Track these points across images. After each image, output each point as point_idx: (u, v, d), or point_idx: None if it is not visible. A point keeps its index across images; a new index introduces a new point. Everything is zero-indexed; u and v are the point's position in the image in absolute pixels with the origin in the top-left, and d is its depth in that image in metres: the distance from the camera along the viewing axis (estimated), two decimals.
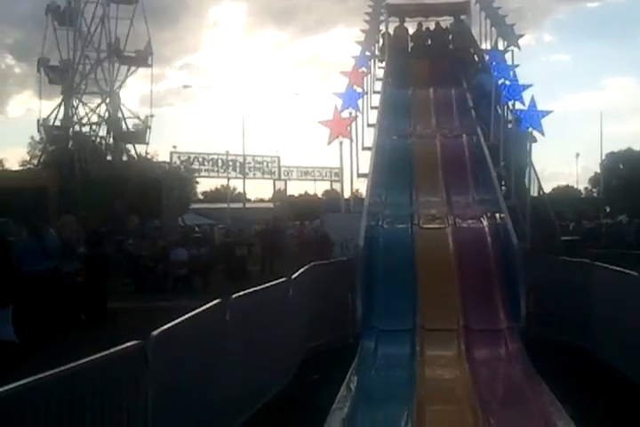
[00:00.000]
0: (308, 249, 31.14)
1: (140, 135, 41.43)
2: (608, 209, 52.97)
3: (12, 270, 11.23)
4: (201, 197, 70.65)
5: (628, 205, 44.01)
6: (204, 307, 6.70)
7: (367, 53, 19.61)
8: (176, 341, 5.67)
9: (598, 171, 65.53)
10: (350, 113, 15.44)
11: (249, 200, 57.72)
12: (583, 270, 11.69)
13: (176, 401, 5.68)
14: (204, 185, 71.49)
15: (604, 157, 62.96)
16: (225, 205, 52.36)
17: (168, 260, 22.12)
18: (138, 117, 41.45)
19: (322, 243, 20.91)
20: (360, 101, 16.40)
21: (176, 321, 5.81)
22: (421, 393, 8.41)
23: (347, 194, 18.15)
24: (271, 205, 55.50)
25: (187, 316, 6.10)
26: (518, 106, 15.37)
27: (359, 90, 16.35)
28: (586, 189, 77.08)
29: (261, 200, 66.69)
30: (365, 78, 17.93)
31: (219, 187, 68.53)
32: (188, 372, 6.00)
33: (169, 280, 21.94)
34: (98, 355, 4.57)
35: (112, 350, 4.73)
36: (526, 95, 15.15)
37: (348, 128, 15.06)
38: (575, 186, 76.34)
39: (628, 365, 9.72)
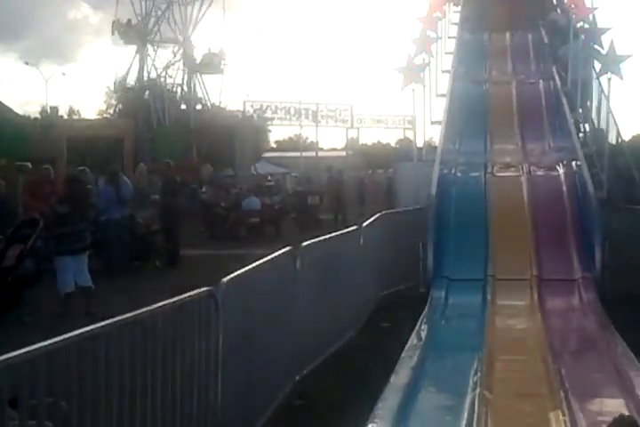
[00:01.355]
0: (379, 198, 31.17)
1: (214, 66, 41.09)
2: None
3: (91, 218, 11.50)
4: (273, 145, 70.75)
5: None
6: (274, 254, 6.72)
7: None
8: (245, 287, 5.71)
9: None
10: (424, 59, 15.17)
11: (321, 149, 57.43)
12: None
13: (246, 346, 5.74)
14: (277, 134, 71.63)
15: None
16: (297, 154, 52.32)
17: (241, 208, 22.26)
18: (211, 52, 40.98)
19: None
20: (434, 47, 16.09)
21: (246, 268, 5.84)
22: (491, 343, 8.37)
23: (420, 142, 17.91)
24: (344, 153, 55.27)
25: (256, 263, 6.12)
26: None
27: (433, 35, 16.03)
28: None
29: (334, 149, 66.42)
30: (440, 23, 17.56)
31: (291, 136, 68.43)
32: (257, 318, 6.05)
33: (241, 228, 22.10)
34: (170, 300, 4.61)
35: (184, 295, 4.78)
36: (606, 39, 14.67)
37: (421, 74, 14.80)
38: None
39: None
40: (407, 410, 6.22)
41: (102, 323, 3.96)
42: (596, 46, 14.80)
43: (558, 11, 19.23)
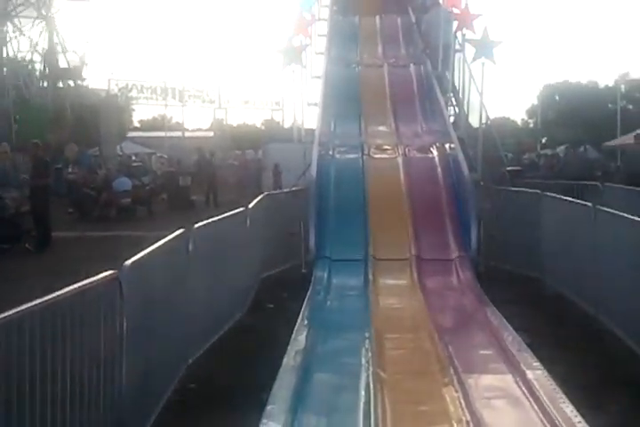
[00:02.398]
0: (249, 179, 31.13)
1: (76, 71, 39.95)
2: (544, 140, 53.65)
3: None
4: (137, 125, 69.40)
5: (567, 136, 44.57)
6: (169, 237, 6.62)
7: None
8: (145, 271, 5.60)
9: (535, 103, 66.03)
10: (301, 41, 15.23)
11: (187, 129, 56.81)
12: (533, 201, 11.85)
13: (145, 330, 5.65)
14: (141, 113, 70.32)
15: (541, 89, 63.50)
16: (163, 134, 51.58)
17: (111, 189, 21.80)
18: (75, 52, 39.85)
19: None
20: (310, 29, 16.15)
21: (145, 251, 5.73)
22: (378, 322, 8.50)
23: (286, 124, 18.01)
24: (210, 134, 54.84)
25: (154, 246, 6.02)
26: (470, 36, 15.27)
27: (309, 17, 16.09)
28: (522, 120, 77.70)
29: (199, 129, 65.75)
30: (314, 5, 17.63)
31: (156, 116, 67.30)
32: (154, 301, 5.96)
33: (112, 209, 21.66)
34: (73, 286, 4.48)
35: (87, 280, 4.64)
36: (478, 24, 15.09)
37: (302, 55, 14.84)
38: (510, 117, 76.91)
39: (577, 292, 9.96)
40: (304, 391, 6.24)
41: (13, 310, 3.80)
42: (469, 31, 15.17)
43: None
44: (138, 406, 5.47)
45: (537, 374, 6.35)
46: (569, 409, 5.54)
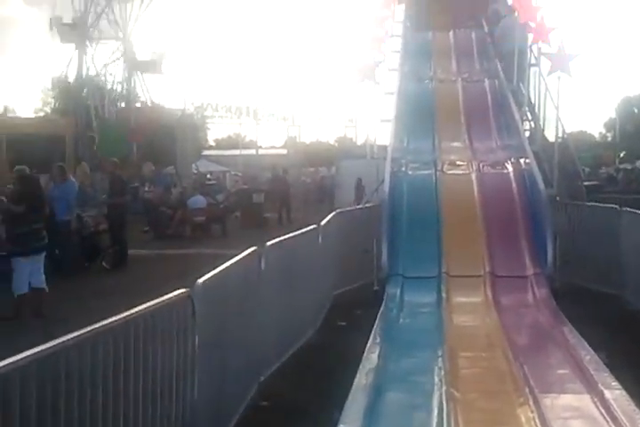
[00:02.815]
0: (322, 196, 31.25)
1: (155, 64, 40.51)
2: (622, 154, 52.61)
3: (47, 218, 11.25)
4: (212, 143, 70.41)
5: None
6: (241, 255, 6.65)
7: None
8: (218, 288, 5.63)
9: (613, 116, 64.96)
10: (374, 57, 15.24)
11: (260, 147, 57.40)
12: (611, 216, 11.60)
13: (217, 348, 5.68)
14: (216, 132, 71.22)
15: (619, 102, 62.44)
16: (237, 152, 52.19)
17: (186, 207, 22.08)
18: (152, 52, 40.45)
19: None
20: (384, 45, 16.16)
21: (217, 269, 5.76)
22: (451, 340, 8.41)
23: (359, 141, 18.03)
24: (284, 151, 55.27)
25: (226, 264, 6.05)
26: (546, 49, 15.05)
27: (382, 33, 16.10)
28: (600, 133, 76.46)
29: (273, 147, 66.35)
30: (387, 22, 17.65)
31: (230, 134, 68.16)
32: (227, 319, 5.99)
33: (187, 227, 21.93)
34: (147, 304, 4.53)
35: (160, 298, 4.69)
36: (555, 37, 14.88)
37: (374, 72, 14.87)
38: (587, 131, 75.78)
39: None
40: (376, 410, 6.19)
41: (88, 328, 3.86)
42: (545, 44, 14.98)
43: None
44: (210, 422, 5.48)
45: (615, 394, 6.19)
46: None
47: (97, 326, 3.96)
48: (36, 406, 3.44)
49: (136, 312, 4.35)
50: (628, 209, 11.43)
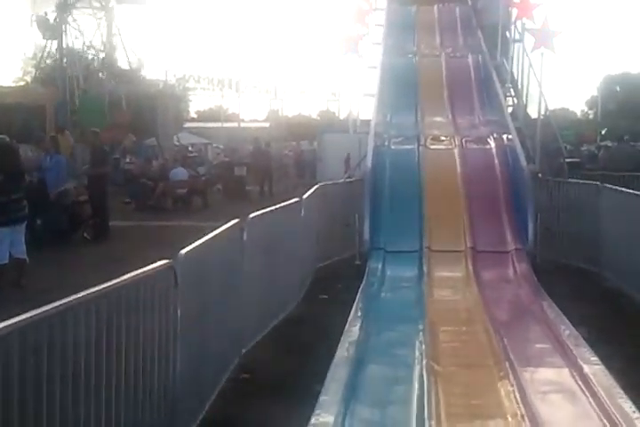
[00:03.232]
0: (304, 169, 31.17)
1: (135, 71, 39.89)
2: (604, 132, 52.78)
3: (28, 188, 11.14)
4: (194, 115, 69.97)
5: (627, 128, 43.78)
6: (224, 227, 6.63)
7: None
8: (199, 260, 5.62)
9: (595, 94, 65.12)
10: (358, 30, 15.16)
11: (242, 120, 57.09)
12: (592, 193, 11.65)
13: (199, 319, 5.68)
14: (198, 104, 70.82)
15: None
16: (219, 125, 51.92)
17: (168, 179, 21.98)
18: None
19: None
20: (367, 18, 16.08)
21: (199, 241, 5.74)
22: (431, 314, 8.45)
23: (342, 115, 17.99)
24: (266, 124, 55.05)
25: (209, 236, 6.03)
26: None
27: (366, 6, 16.00)
28: (582, 111, 76.64)
29: (255, 120, 66.04)
30: None
31: (212, 106, 67.77)
32: (209, 291, 5.98)
33: (168, 200, 21.86)
34: (129, 275, 4.50)
35: (142, 269, 4.67)
36: (539, 14, 14.88)
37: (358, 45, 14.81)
38: (569, 108, 75.92)
39: (637, 286, 9.76)
40: (357, 383, 6.22)
41: (71, 297, 3.83)
42: (529, 21, 14.96)
43: None
44: (192, 394, 5.49)
45: (594, 368, 6.25)
46: (627, 405, 5.44)
47: (79, 295, 3.93)
48: (17, 378, 3.41)
49: (118, 283, 4.33)
50: (609, 186, 11.47)
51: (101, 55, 38.02)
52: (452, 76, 16.40)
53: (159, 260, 4.99)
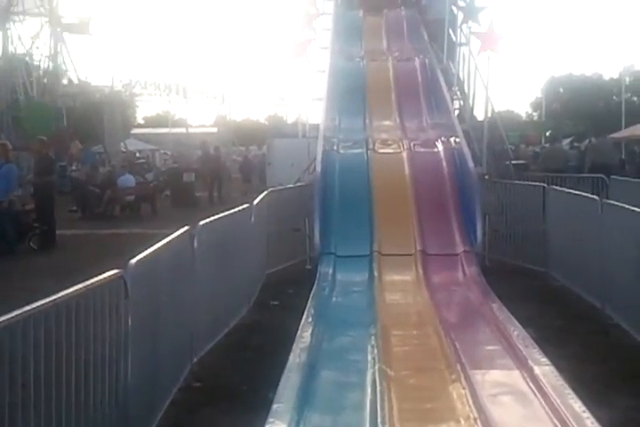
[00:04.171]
0: (253, 175, 31.09)
1: (83, 25, 39.05)
2: (548, 133, 53.56)
3: None
4: (141, 121, 69.51)
5: (572, 129, 44.53)
6: (174, 234, 6.58)
7: None
8: (150, 269, 5.57)
9: (539, 95, 66.01)
10: (306, 35, 15.18)
11: (190, 125, 56.82)
12: (538, 194, 11.80)
13: (150, 328, 5.63)
14: (145, 110, 70.34)
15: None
16: (166, 130, 51.64)
17: (115, 186, 21.77)
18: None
19: None
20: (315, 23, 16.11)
21: (150, 249, 5.69)
22: (383, 318, 8.47)
23: (290, 119, 18.03)
24: (214, 130, 54.83)
25: (159, 244, 5.98)
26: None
27: (313, 11, 16.04)
28: (526, 113, 77.66)
29: (202, 125, 65.79)
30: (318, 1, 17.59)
31: (159, 112, 67.39)
32: (160, 299, 5.93)
33: (116, 207, 21.65)
34: (79, 285, 4.44)
35: (92, 280, 4.60)
36: (484, 17, 15.06)
37: (306, 50, 14.84)
38: (514, 110, 76.87)
39: (584, 286, 9.92)
40: (310, 389, 6.20)
41: (19, 310, 3.77)
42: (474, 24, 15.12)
43: None
44: (143, 404, 5.44)
45: (544, 369, 6.30)
46: (577, 405, 5.49)
47: (28, 307, 3.87)
48: None
49: (68, 293, 4.27)
50: (554, 187, 11.64)
51: (46, 62, 37.48)
52: (400, 79, 16.50)
53: (109, 269, 4.93)
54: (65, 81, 38.23)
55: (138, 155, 37.90)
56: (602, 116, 52.35)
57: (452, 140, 13.26)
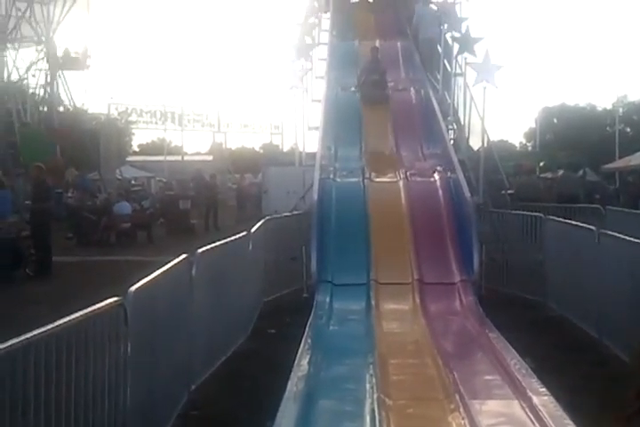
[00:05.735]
0: (249, 203, 31.08)
1: (78, 61, 39.26)
2: (542, 164, 53.70)
3: None
4: (137, 149, 69.59)
5: (566, 159, 44.66)
6: (173, 262, 6.59)
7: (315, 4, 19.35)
8: (149, 297, 5.57)
9: (533, 126, 66.27)
10: (302, 65, 15.30)
11: (186, 153, 56.94)
12: (535, 224, 11.85)
13: (150, 357, 5.62)
14: (140, 137, 70.45)
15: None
16: (162, 158, 51.70)
17: (111, 213, 21.76)
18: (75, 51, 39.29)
19: None
20: (311, 53, 16.24)
21: (149, 277, 5.69)
22: (381, 347, 8.45)
23: (285, 148, 18.13)
24: (210, 157, 54.92)
25: (158, 271, 5.98)
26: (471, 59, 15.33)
27: (309, 41, 16.17)
28: (520, 143, 77.91)
29: (198, 153, 65.89)
30: (314, 30, 17.74)
31: (155, 139, 67.52)
32: (160, 327, 5.93)
33: (112, 234, 21.63)
34: (79, 313, 4.44)
35: (92, 307, 4.61)
36: (480, 48, 15.17)
37: (303, 79, 14.95)
38: (508, 140, 77.13)
39: (580, 316, 9.92)
40: (308, 418, 6.18)
41: (21, 337, 3.77)
42: (470, 55, 15.23)
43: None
44: None
45: (543, 399, 6.29)
46: None
47: (29, 335, 3.88)
48: None
49: (69, 321, 4.27)
50: (551, 217, 11.68)
51: (42, 89, 37.59)
52: (396, 109, 16.60)
53: (107, 297, 4.93)
54: (61, 108, 38.38)
55: (133, 182, 37.90)
56: (595, 147, 52.57)
57: (447, 169, 13.31)
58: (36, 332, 3.94)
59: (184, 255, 6.99)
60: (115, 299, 4.86)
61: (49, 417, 4.04)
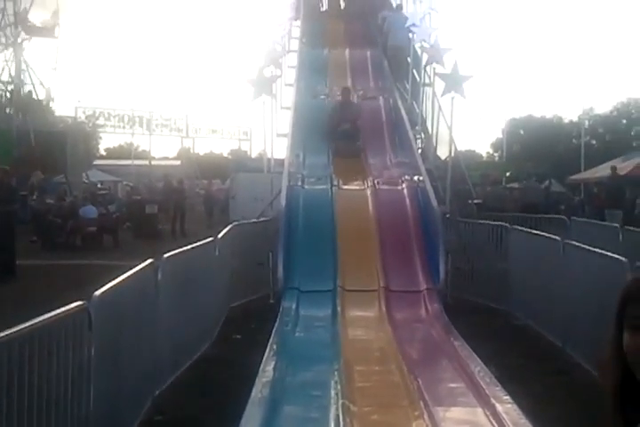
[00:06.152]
0: (215, 208, 31.01)
1: (48, 29, 38.47)
2: (509, 174, 54.09)
3: None
4: (104, 153, 69.11)
5: (532, 170, 45.04)
6: (138, 267, 6.56)
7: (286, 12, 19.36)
8: (114, 301, 5.53)
9: (500, 136, 66.74)
10: (271, 71, 15.29)
11: (153, 158, 56.69)
12: (500, 234, 11.93)
13: (114, 361, 5.58)
14: (107, 141, 70.03)
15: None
16: (129, 162, 51.39)
17: (77, 216, 21.57)
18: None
19: None
20: (281, 60, 16.25)
21: (114, 281, 5.66)
22: (346, 354, 8.45)
23: (254, 154, 18.09)
24: (177, 162, 54.74)
25: (123, 276, 5.95)
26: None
27: (279, 48, 16.19)
28: (487, 153, 78.42)
29: (165, 158, 65.60)
30: (284, 37, 17.76)
31: (122, 144, 67.12)
32: (124, 332, 5.90)
33: (78, 237, 21.43)
34: (42, 317, 4.40)
35: (56, 311, 4.57)
36: (449, 59, 15.25)
37: (272, 86, 14.94)
38: (475, 150, 77.60)
39: (545, 325, 10.00)
40: (273, 424, 6.18)
41: None
42: (439, 65, 15.30)
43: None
44: None
45: (507, 407, 6.33)
46: None
47: None
48: None
49: (33, 324, 4.23)
50: (517, 227, 11.78)
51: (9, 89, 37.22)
52: (364, 117, 16.63)
53: (71, 301, 4.89)
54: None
55: (100, 186, 37.61)
56: (562, 159, 53.11)
57: (415, 178, 13.37)
58: None
59: (150, 260, 6.96)
60: (79, 303, 4.82)
61: (11, 421, 4.00)
